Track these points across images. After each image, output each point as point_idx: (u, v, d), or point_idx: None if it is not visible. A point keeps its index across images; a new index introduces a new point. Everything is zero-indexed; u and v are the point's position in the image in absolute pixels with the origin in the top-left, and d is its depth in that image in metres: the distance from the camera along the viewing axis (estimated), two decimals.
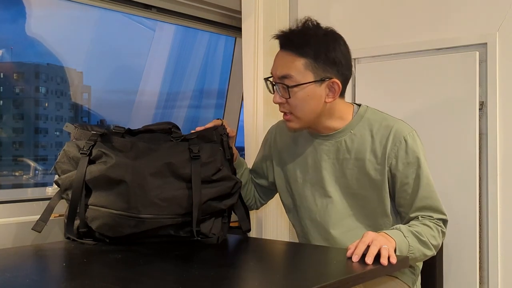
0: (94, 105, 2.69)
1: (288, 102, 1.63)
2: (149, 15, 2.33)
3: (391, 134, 1.64)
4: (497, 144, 2.02)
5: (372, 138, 1.66)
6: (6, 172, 2.39)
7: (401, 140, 1.63)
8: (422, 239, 1.58)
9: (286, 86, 1.61)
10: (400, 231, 1.56)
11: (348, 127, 1.69)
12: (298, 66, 1.60)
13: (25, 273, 1.38)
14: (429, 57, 2.15)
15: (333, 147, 1.71)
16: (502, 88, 2.02)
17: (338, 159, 1.70)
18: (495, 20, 2.03)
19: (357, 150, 1.68)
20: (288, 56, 1.62)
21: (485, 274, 2.05)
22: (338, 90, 1.63)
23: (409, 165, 1.64)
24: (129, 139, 1.66)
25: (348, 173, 1.69)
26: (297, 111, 1.64)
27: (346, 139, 1.69)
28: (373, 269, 1.36)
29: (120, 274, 1.34)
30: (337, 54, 1.62)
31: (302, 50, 1.59)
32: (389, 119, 1.68)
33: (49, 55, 2.51)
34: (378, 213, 1.69)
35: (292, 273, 1.41)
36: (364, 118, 1.69)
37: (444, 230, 1.65)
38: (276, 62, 1.66)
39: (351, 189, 1.70)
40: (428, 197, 1.64)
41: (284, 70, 1.62)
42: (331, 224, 1.73)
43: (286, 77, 1.61)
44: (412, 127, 1.67)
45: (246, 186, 1.89)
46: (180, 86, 2.84)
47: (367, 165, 1.66)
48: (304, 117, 1.65)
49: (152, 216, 1.58)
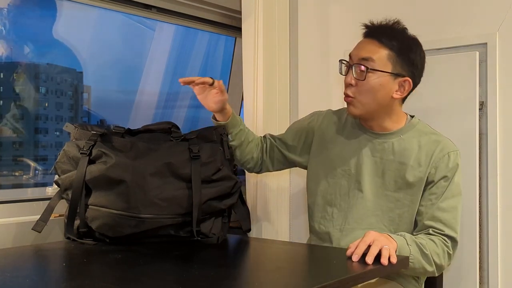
0: (94, 105, 2.69)
1: (358, 86, 1.67)
2: (149, 15, 2.33)
3: (438, 147, 1.70)
4: (497, 144, 2.02)
5: (419, 148, 1.71)
6: (6, 172, 2.39)
7: (445, 155, 1.69)
8: (425, 252, 1.58)
9: (366, 67, 1.65)
10: (404, 238, 1.57)
11: (399, 132, 1.74)
12: (382, 54, 1.66)
13: (25, 273, 1.38)
14: (429, 57, 2.15)
15: (380, 146, 1.74)
16: (502, 88, 2.02)
17: (382, 159, 1.73)
18: (495, 20, 2.03)
19: (402, 154, 1.71)
20: (374, 43, 1.68)
21: (485, 274, 2.05)
22: (408, 88, 1.70)
23: (444, 178, 1.68)
24: (129, 139, 1.66)
25: (387, 174, 1.72)
26: (364, 96, 1.68)
27: (394, 142, 1.73)
28: (373, 269, 1.36)
29: (120, 274, 1.34)
30: (417, 58, 1.70)
31: (390, 42, 1.66)
32: (439, 135, 1.75)
33: (49, 55, 2.51)
34: (404, 219, 1.70)
35: (292, 273, 1.41)
36: (415, 128, 1.75)
37: (450, 252, 1.65)
38: (360, 45, 1.71)
39: (386, 190, 1.72)
40: (446, 210, 1.66)
41: (366, 53, 1.67)
42: (355, 218, 1.74)
43: (367, 59, 1.66)
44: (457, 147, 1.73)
45: (242, 147, 1.86)
46: (180, 86, 2.83)
47: (408, 171, 1.69)
48: (368, 105, 1.69)
49: (152, 216, 1.58)
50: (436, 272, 1.64)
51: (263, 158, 1.94)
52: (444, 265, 1.65)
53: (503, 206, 2.01)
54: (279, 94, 2.33)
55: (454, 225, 1.66)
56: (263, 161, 1.94)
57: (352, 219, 1.74)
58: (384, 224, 1.72)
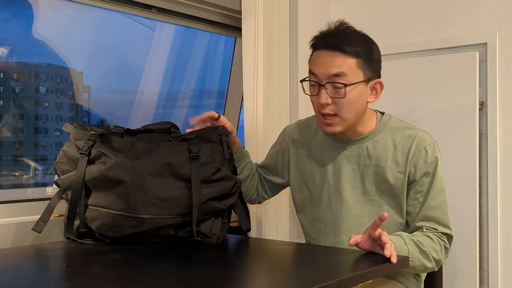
0: (94, 105, 2.69)
1: (335, 103, 1.61)
2: (149, 15, 2.33)
3: (413, 143, 1.65)
4: (497, 144, 2.02)
5: (394, 147, 1.67)
6: (6, 172, 2.39)
7: (422, 150, 1.65)
8: (423, 249, 1.58)
9: (343, 84, 1.58)
10: (401, 237, 1.56)
11: (372, 133, 1.70)
12: (351, 66, 1.59)
13: (25, 273, 1.38)
14: (429, 57, 2.15)
15: (355, 152, 1.71)
16: (502, 88, 2.02)
17: (359, 165, 1.70)
18: (495, 20, 2.03)
19: (379, 157, 1.68)
20: (338, 56, 1.59)
21: (485, 274, 2.05)
22: (381, 89, 1.66)
23: (425, 174, 1.65)
24: (128, 139, 1.66)
25: (367, 179, 1.69)
26: (345, 112, 1.61)
27: (368, 146, 1.69)
28: (373, 269, 1.36)
29: (120, 274, 1.34)
30: (377, 55, 1.65)
31: (354, 49, 1.59)
32: (412, 129, 1.69)
33: (49, 55, 2.51)
34: (393, 222, 1.69)
35: (292, 273, 1.41)
36: (387, 127, 1.70)
37: (447, 246, 1.64)
38: (323, 62, 1.61)
39: (368, 195, 1.70)
40: (436, 208, 1.64)
41: (336, 68, 1.58)
42: (344, 229, 1.72)
43: (339, 75, 1.58)
44: (433, 138, 1.68)
45: (247, 180, 1.88)
46: (180, 86, 2.84)
47: (387, 173, 1.66)
48: (350, 118, 1.63)
49: (151, 216, 1.58)
50: (435, 267, 1.64)
51: (258, 189, 1.94)
52: (442, 259, 1.65)
53: (503, 206, 2.01)
54: (279, 94, 2.33)
55: (447, 221, 1.65)
56: (258, 192, 1.94)
57: (341, 231, 1.73)
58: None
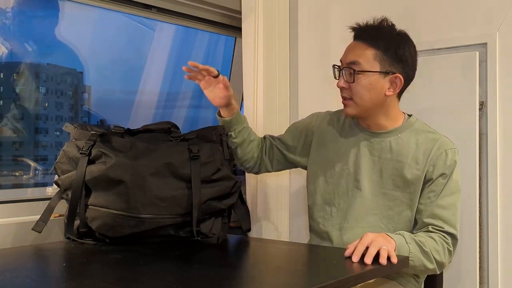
0: (94, 105, 2.69)
1: (350, 88, 1.71)
2: (149, 15, 2.33)
3: (435, 145, 1.71)
4: (497, 144, 2.02)
5: (416, 146, 1.72)
6: (6, 172, 2.39)
7: (442, 152, 1.70)
8: (424, 249, 1.58)
9: (353, 70, 1.68)
10: (402, 236, 1.57)
11: (397, 130, 1.75)
12: (368, 55, 1.69)
13: (25, 273, 1.38)
14: (429, 57, 2.15)
15: (378, 145, 1.75)
16: (502, 88, 2.01)
17: (380, 158, 1.74)
18: (495, 20, 2.03)
19: (400, 153, 1.72)
20: (360, 45, 1.71)
21: (485, 274, 2.04)
22: (400, 85, 1.71)
23: (442, 175, 1.69)
24: (129, 139, 1.66)
25: (385, 172, 1.73)
26: (358, 97, 1.70)
27: (391, 141, 1.74)
28: (373, 269, 1.36)
29: (120, 274, 1.34)
30: (405, 53, 1.71)
31: (375, 42, 1.69)
32: (436, 134, 1.75)
33: (50, 55, 2.51)
34: (403, 217, 1.71)
35: (292, 273, 1.41)
36: (413, 127, 1.76)
37: (450, 248, 1.65)
38: (347, 49, 1.74)
39: (384, 189, 1.73)
40: (446, 207, 1.67)
41: (353, 56, 1.70)
42: (354, 216, 1.75)
43: (354, 63, 1.69)
44: (455, 145, 1.74)
45: (243, 146, 1.89)
46: (180, 86, 2.84)
47: (406, 169, 1.70)
48: (363, 105, 1.71)
49: (152, 216, 1.58)
50: (437, 270, 1.64)
51: (263, 158, 1.95)
52: (445, 262, 1.65)
53: (503, 206, 2.01)
54: (279, 94, 2.33)
55: (454, 222, 1.67)
56: (262, 161, 1.95)
57: (351, 217, 1.75)
58: (383, 223, 1.72)
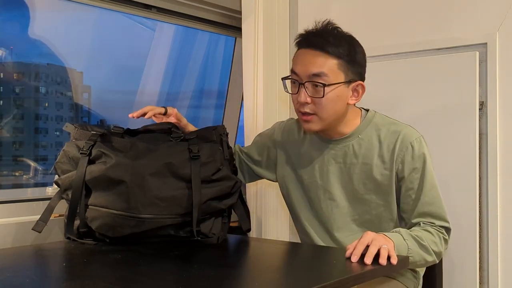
0: (94, 105, 2.69)
1: (314, 102, 1.61)
2: (149, 15, 2.33)
3: (398, 139, 1.65)
4: (497, 144, 2.02)
5: (379, 143, 1.67)
6: (6, 172, 2.39)
7: (408, 146, 1.64)
8: (423, 243, 1.57)
9: (323, 84, 1.58)
10: (399, 234, 1.56)
11: (356, 132, 1.70)
12: (332, 66, 1.59)
13: (25, 273, 1.38)
14: (429, 57, 2.15)
15: (341, 152, 1.71)
16: (502, 88, 2.02)
17: (345, 164, 1.70)
18: (495, 20, 2.03)
19: (364, 155, 1.68)
20: (319, 55, 1.59)
21: (485, 274, 2.05)
22: (362, 92, 1.65)
23: (414, 170, 1.64)
24: (129, 139, 1.66)
25: (354, 178, 1.69)
26: (324, 111, 1.62)
27: (353, 144, 1.70)
28: (373, 269, 1.36)
29: (120, 274, 1.35)
30: (361, 57, 1.65)
31: (337, 50, 1.59)
32: (397, 124, 1.69)
33: (49, 55, 2.51)
34: (383, 218, 1.70)
35: (292, 273, 1.41)
36: (372, 123, 1.70)
37: (446, 237, 1.64)
38: (305, 60, 1.62)
39: (357, 194, 1.70)
40: (431, 203, 1.64)
41: (317, 68, 1.59)
42: (336, 227, 1.73)
43: (319, 75, 1.59)
44: (419, 132, 1.68)
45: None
46: (180, 86, 2.83)
47: (374, 170, 1.66)
48: (328, 118, 1.64)
49: (152, 216, 1.58)
50: (436, 260, 1.64)
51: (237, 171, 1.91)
52: (442, 251, 1.64)
53: (503, 206, 2.01)
54: (279, 94, 2.33)
55: (443, 214, 1.65)
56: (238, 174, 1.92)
57: (333, 229, 1.73)
58: (365, 227, 1.70)
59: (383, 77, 2.30)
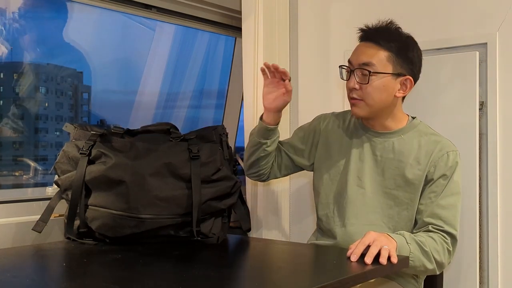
0: (94, 105, 2.69)
1: (362, 89, 1.71)
2: (149, 15, 2.33)
3: (437, 147, 1.73)
4: (497, 144, 2.02)
5: (419, 147, 1.74)
6: (6, 172, 2.39)
7: (444, 154, 1.71)
8: (425, 249, 1.59)
9: (368, 71, 1.69)
10: (403, 236, 1.57)
11: (400, 131, 1.77)
12: (381, 57, 1.70)
13: (25, 273, 1.38)
14: (429, 57, 2.15)
15: (381, 145, 1.77)
16: (502, 88, 2.01)
17: (382, 157, 1.76)
18: (495, 20, 2.03)
19: (402, 153, 1.74)
20: (372, 47, 1.71)
21: (485, 274, 2.04)
22: (410, 86, 1.74)
23: (443, 176, 1.70)
24: (128, 139, 1.66)
25: (387, 172, 1.74)
26: (369, 98, 1.71)
27: (394, 142, 1.76)
28: (373, 269, 1.36)
29: (120, 274, 1.35)
30: (415, 55, 1.74)
31: (388, 44, 1.70)
32: (439, 136, 1.77)
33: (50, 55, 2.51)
34: (403, 217, 1.72)
35: (292, 273, 1.41)
36: (416, 129, 1.78)
37: (450, 248, 1.65)
38: (358, 50, 1.74)
39: (385, 188, 1.74)
40: (446, 208, 1.67)
41: (366, 58, 1.70)
42: (355, 213, 1.76)
43: (367, 64, 1.69)
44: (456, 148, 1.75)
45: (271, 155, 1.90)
46: (180, 86, 2.83)
47: (407, 168, 1.72)
48: (373, 106, 1.72)
49: (151, 216, 1.58)
50: (437, 270, 1.64)
51: (273, 165, 1.95)
52: (445, 262, 1.65)
53: (503, 206, 2.01)
54: None
55: (453, 223, 1.67)
56: (272, 168, 1.95)
57: (353, 215, 1.76)
58: (383, 221, 1.73)
59: None
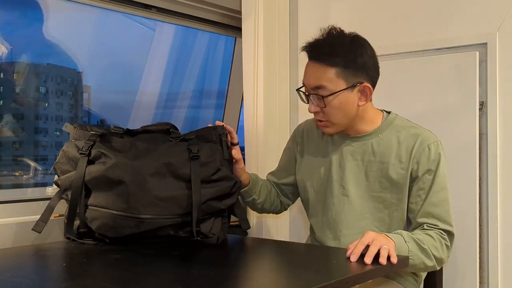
0: (94, 105, 2.69)
1: (323, 111, 1.68)
2: (149, 15, 2.33)
3: (417, 141, 1.69)
4: (497, 144, 2.02)
5: (398, 144, 1.71)
6: (6, 172, 2.39)
7: (425, 148, 1.68)
8: (423, 247, 1.58)
9: (321, 96, 1.65)
10: (401, 235, 1.57)
11: (376, 131, 1.74)
12: (330, 76, 1.64)
13: (25, 273, 1.38)
14: (429, 57, 2.15)
15: (360, 149, 1.74)
16: (502, 88, 2.01)
17: (363, 161, 1.73)
18: (495, 20, 2.03)
19: (383, 154, 1.71)
20: (318, 67, 1.66)
21: (485, 274, 2.04)
22: (370, 93, 1.69)
23: (428, 171, 1.68)
24: (128, 139, 1.66)
25: (371, 175, 1.72)
26: (333, 118, 1.69)
27: (373, 142, 1.73)
28: (373, 269, 1.36)
29: (120, 274, 1.34)
30: (364, 59, 1.66)
31: (332, 60, 1.64)
32: (417, 128, 1.73)
33: (49, 55, 2.51)
34: (394, 218, 1.71)
35: (292, 273, 1.41)
36: (392, 125, 1.74)
37: (448, 243, 1.65)
38: (307, 73, 1.70)
39: (372, 192, 1.72)
40: (437, 205, 1.66)
41: (316, 81, 1.66)
42: (345, 223, 1.74)
43: (319, 87, 1.65)
44: (437, 137, 1.72)
45: (268, 199, 1.90)
46: (180, 86, 2.84)
47: (391, 169, 1.69)
48: (340, 123, 1.70)
49: (151, 216, 1.58)
50: (436, 266, 1.64)
51: (281, 199, 1.95)
52: (444, 258, 1.65)
53: (503, 206, 2.01)
54: (279, 94, 2.33)
55: (448, 218, 1.67)
56: (282, 202, 1.96)
57: (343, 225, 1.75)
58: (376, 226, 1.72)
59: (383, 77, 2.29)
